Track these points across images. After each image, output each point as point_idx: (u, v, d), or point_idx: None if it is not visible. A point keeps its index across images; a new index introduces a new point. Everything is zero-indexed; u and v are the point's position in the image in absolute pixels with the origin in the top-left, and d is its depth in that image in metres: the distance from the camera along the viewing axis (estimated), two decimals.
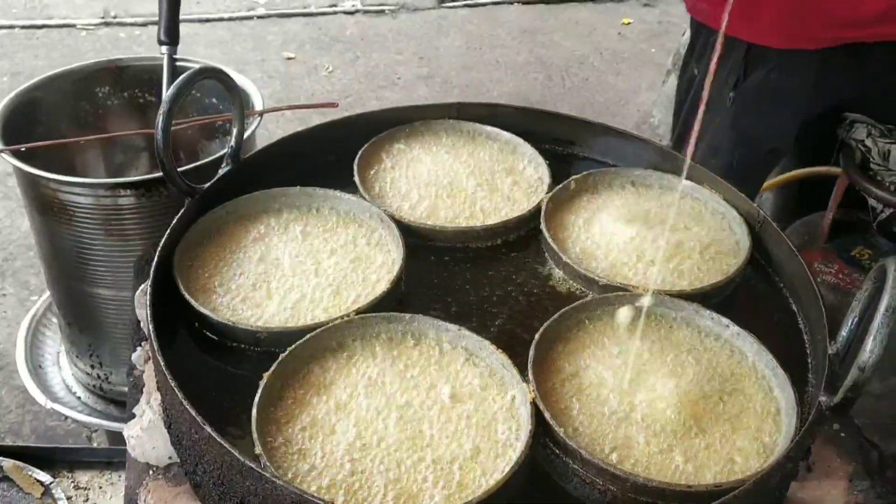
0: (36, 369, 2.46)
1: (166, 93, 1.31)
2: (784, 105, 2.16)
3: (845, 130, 2.15)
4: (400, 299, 1.35)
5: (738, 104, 2.18)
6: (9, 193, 3.76)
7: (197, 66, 1.68)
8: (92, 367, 2.34)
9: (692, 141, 2.31)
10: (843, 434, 1.32)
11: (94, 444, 2.57)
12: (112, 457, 1.88)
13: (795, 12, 2.04)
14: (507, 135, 1.70)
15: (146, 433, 1.25)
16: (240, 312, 1.29)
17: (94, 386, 2.39)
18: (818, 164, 2.34)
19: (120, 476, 1.86)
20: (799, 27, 2.04)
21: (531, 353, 1.20)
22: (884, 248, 2.20)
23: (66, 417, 2.39)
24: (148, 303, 1.22)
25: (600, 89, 4.97)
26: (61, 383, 2.47)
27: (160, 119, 1.29)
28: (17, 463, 1.79)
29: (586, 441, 1.13)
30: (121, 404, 2.36)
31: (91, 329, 2.27)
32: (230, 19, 5.53)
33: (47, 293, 2.54)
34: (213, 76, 1.41)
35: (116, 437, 2.35)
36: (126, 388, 1.45)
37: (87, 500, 1.82)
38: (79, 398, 2.41)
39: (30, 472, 1.79)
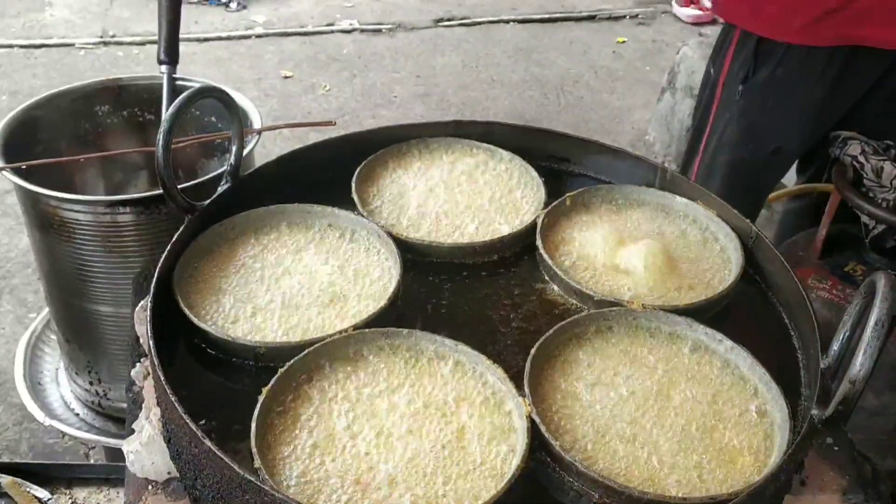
0: (34, 386, 2.47)
1: (167, 111, 1.32)
2: (790, 102, 2.19)
3: (838, 148, 2.18)
4: (397, 315, 1.36)
5: (746, 99, 2.22)
6: (7, 211, 3.78)
7: (197, 85, 1.70)
8: (90, 383, 2.35)
9: (704, 137, 2.35)
10: (836, 448, 1.34)
11: (92, 461, 2.57)
12: (110, 473, 1.88)
13: (795, 5, 2.07)
14: (503, 152, 1.72)
15: (145, 448, 1.26)
16: (239, 328, 1.30)
17: (92, 402, 2.40)
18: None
19: (118, 492, 1.86)
20: (801, 21, 2.07)
21: (527, 367, 1.21)
22: (876, 264, 2.22)
23: (65, 434, 2.39)
24: (148, 318, 1.23)
25: (595, 107, 5.01)
26: (60, 400, 2.47)
27: (161, 137, 1.30)
28: (16, 479, 1.79)
29: (582, 454, 1.14)
30: (119, 421, 2.36)
31: (90, 346, 2.28)
32: (228, 38, 5.58)
33: (46, 310, 2.55)
34: (214, 95, 1.43)
35: (114, 454, 2.36)
36: (124, 405, 1.46)
37: None
38: (77, 415, 2.41)
39: (28, 489, 1.79)
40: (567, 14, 6.10)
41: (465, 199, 1.62)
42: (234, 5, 5.93)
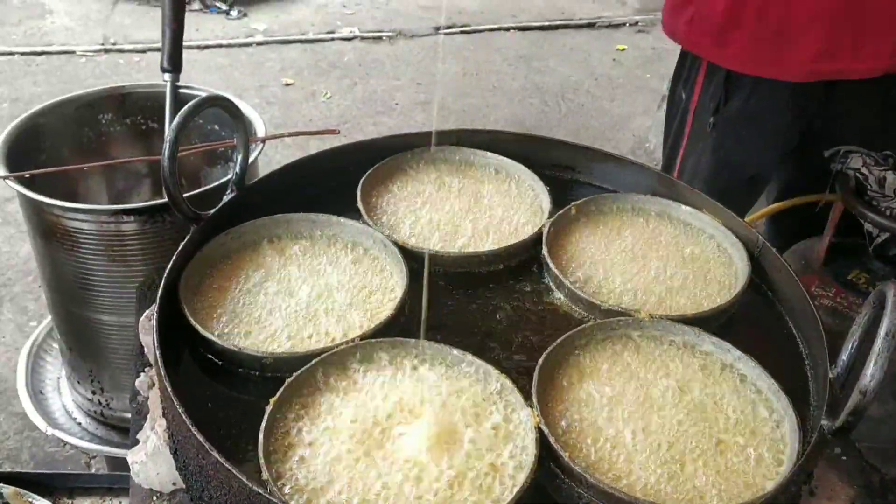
0: (36, 395, 2.46)
1: (173, 121, 1.32)
2: (763, 132, 2.17)
3: (840, 162, 2.18)
4: (403, 324, 1.35)
5: (719, 130, 2.19)
6: (8, 219, 3.77)
7: (202, 94, 1.70)
8: (93, 392, 2.34)
9: (677, 167, 2.34)
10: (844, 458, 1.33)
11: (93, 470, 2.56)
12: (112, 482, 1.87)
13: (765, 42, 2.05)
14: (507, 161, 1.71)
15: (151, 459, 1.25)
16: (245, 338, 1.30)
17: (94, 412, 2.39)
18: (804, 195, 2.34)
19: (120, 502, 1.85)
20: (769, 57, 2.05)
21: (535, 377, 1.20)
22: (880, 272, 2.22)
23: (66, 444, 2.38)
24: (154, 328, 1.22)
25: (596, 114, 5.01)
26: (62, 409, 2.46)
27: (167, 146, 1.30)
28: (18, 489, 1.78)
29: (591, 465, 1.13)
30: (122, 430, 2.35)
31: (92, 354, 2.27)
32: (229, 46, 5.58)
33: (48, 318, 2.55)
34: (219, 104, 1.43)
35: (116, 463, 2.35)
36: (127, 414, 1.45)
37: None
38: (79, 424, 2.41)
39: (30, 499, 1.78)
40: (567, 21, 6.11)
41: (469, 207, 1.61)
42: (234, 13, 5.94)
